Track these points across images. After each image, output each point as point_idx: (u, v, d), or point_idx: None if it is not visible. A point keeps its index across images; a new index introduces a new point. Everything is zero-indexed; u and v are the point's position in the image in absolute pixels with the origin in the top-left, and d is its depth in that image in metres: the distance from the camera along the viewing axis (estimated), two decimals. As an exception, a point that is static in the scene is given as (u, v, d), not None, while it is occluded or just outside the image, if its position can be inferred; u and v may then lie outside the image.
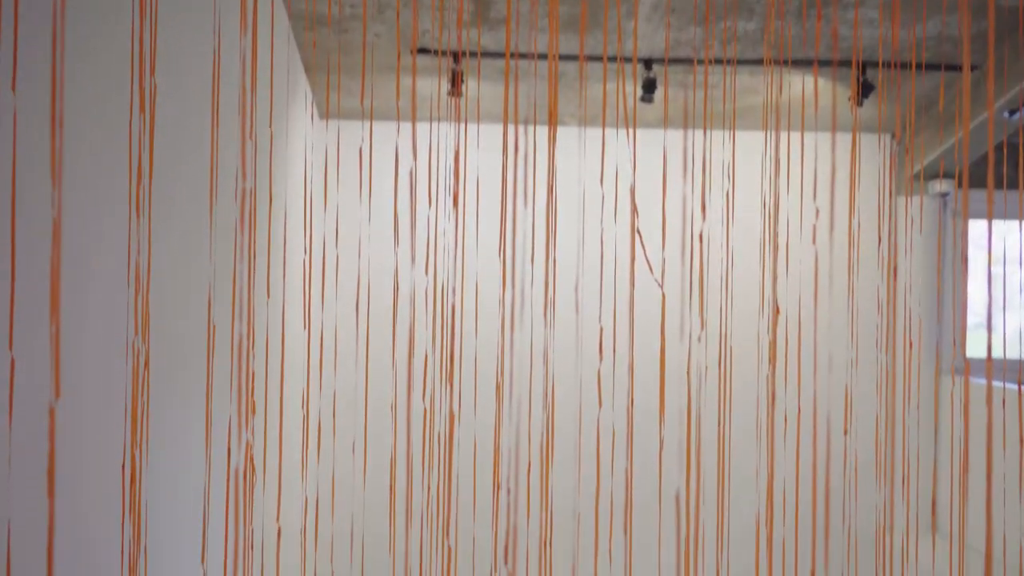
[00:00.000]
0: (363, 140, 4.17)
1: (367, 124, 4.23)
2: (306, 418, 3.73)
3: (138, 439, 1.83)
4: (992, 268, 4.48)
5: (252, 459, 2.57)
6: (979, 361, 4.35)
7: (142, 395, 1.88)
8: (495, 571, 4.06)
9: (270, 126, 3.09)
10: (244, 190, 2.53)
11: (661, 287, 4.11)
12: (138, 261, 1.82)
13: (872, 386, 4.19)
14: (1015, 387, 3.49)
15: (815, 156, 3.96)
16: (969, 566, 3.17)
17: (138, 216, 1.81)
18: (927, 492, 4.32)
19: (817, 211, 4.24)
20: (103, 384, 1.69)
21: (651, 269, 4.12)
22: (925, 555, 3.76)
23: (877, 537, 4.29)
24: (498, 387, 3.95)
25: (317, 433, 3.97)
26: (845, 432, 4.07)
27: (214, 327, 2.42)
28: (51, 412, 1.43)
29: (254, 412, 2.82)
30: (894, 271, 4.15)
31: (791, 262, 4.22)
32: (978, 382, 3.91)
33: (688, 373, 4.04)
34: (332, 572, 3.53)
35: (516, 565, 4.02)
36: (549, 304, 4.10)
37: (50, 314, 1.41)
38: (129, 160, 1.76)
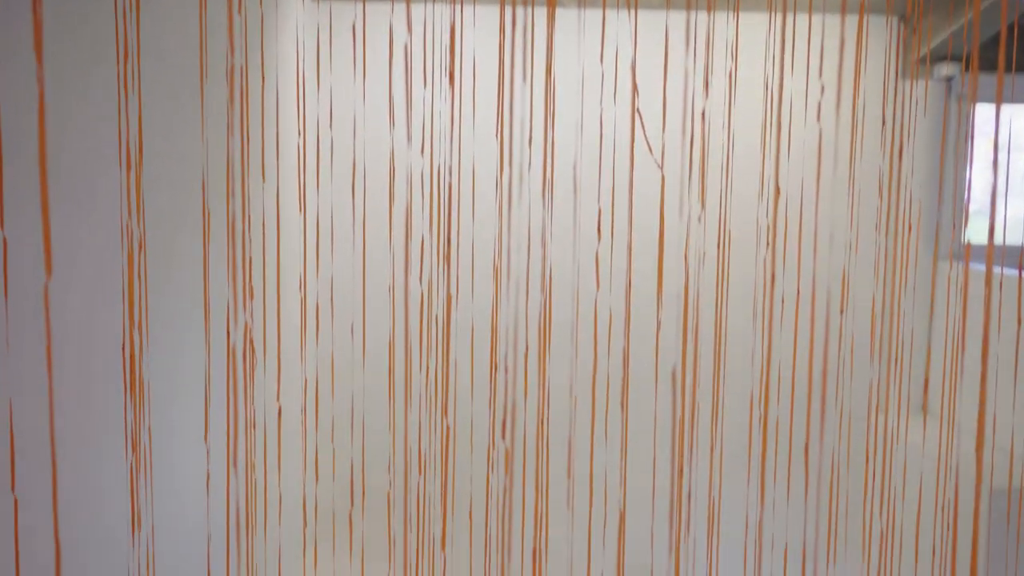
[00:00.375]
0: (356, 18, 4.05)
1: (360, 4, 4.10)
2: (303, 301, 3.73)
3: (136, 320, 1.83)
4: (998, 154, 4.43)
5: (252, 341, 2.58)
6: (978, 248, 4.34)
7: (139, 277, 1.87)
8: (493, 448, 4.14)
9: (260, 5, 3.00)
10: (233, 66, 2.46)
11: (661, 168, 4.06)
12: (128, 140, 1.78)
13: (871, 268, 4.20)
14: (1015, 272, 3.49)
15: (821, 37, 3.86)
16: (959, 447, 3.22)
17: (127, 95, 1.77)
18: (920, 373, 4.37)
19: (822, 87, 4.16)
20: (98, 265, 1.67)
21: (651, 150, 4.07)
22: (915, 435, 3.82)
23: (868, 416, 4.36)
24: (495, 269, 3.95)
25: (315, 316, 3.98)
26: (841, 311, 4.10)
27: (208, 212, 2.39)
28: (45, 291, 1.41)
29: (252, 296, 2.81)
30: (900, 152, 4.10)
31: (793, 143, 4.16)
32: (976, 268, 3.90)
33: (686, 254, 4.03)
34: (333, 452, 3.59)
35: (514, 442, 4.09)
36: (547, 185, 4.06)
37: (40, 194, 1.39)
38: (116, 39, 1.70)
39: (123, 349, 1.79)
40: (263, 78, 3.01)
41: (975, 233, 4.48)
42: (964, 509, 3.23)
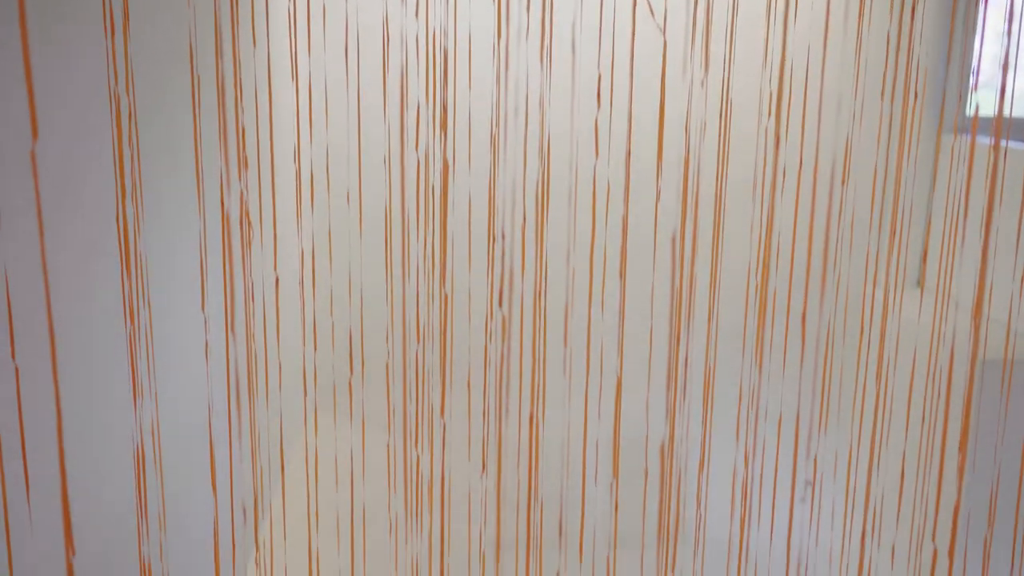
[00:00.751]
0: None
1: None
2: (298, 171, 3.68)
3: (128, 191, 1.79)
4: (1011, 23, 4.29)
5: (248, 212, 2.54)
6: (984, 120, 4.26)
7: (130, 144, 1.82)
8: (491, 317, 4.16)
9: None
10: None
11: (663, 33, 3.94)
12: (112, 4, 1.70)
13: (874, 140, 4.13)
14: (1020, 145, 3.43)
15: None
16: (956, 321, 3.23)
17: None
18: (918, 246, 4.36)
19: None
20: (86, 132, 1.62)
21: (652, 13, 3.94)
22: (911, 308, 3.84)
23: (865, 289, 4.37)
24: (493, 137, 3.88)
25: (310, 185, 3.93)
26: (843, 182, 4.05)
27: (198, 77, 2.31)
28: (32, 157, 1.37)
29: (246, 166, 2.76)
30: (911, 14, 3.98)
31: (801, 7, 4.03)
32: (981, 141, 3.84)
33: (687, 121, 3.96)
34: (332, 324, 3.60)
35: (511, 310, 4.11)
36: (545, 50, 3.95)
37: (23, 65, 1.33)
38: None
39: (117, 220, 1.76)
40: (250, -65, 2.88)
41: (982, 105, 4.39)
42: (957, 381, 3.27)
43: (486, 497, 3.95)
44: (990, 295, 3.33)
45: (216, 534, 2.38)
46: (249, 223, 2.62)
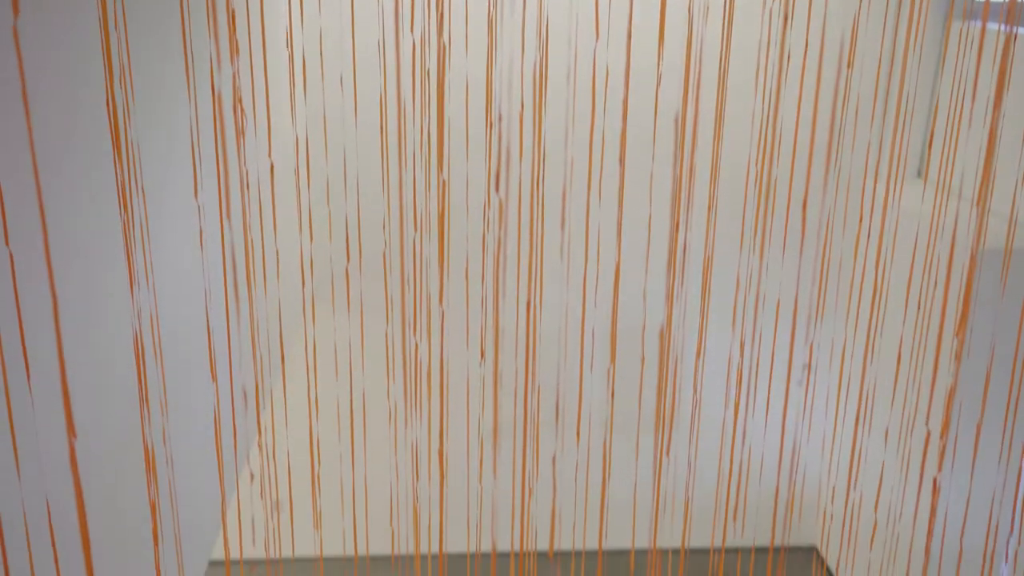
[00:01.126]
0: None
1: None
2: (291, 56, 3.59)
3: (117, 75, 1.74)
4: None
5: (240, 99, 2.49)
6: (995, 5, 4.14)
7: (116, 27, 1.76)
8: (488, 204, 4.13)
9: None
10: None
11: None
12: None
13: (881, 20, 4.02)
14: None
15: None
16: (957, 212, 3.21)
17: None
18: (919, 136, 4.31)
19: None
20: (70, 8, 1.56)
21: None
22: (913, 200, 3.81)
23: (866, 178, 4.33)
24: (490, 19, 3.77)
25: (302, 70, 3.84)
26: (849, 66, 3.97)
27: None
28: (14, 33, 1.32)
29: (237, 51, 2.68)
30: None
31: None
32: (991, 27, 3.74)
33: (690, 2, 3.85)
34: (329, 213, 3.57)
35: (508, 194, 4.07)
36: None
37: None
38: None
39: (107, 105, 1.71)
40: None
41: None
42: (954, 270, 3.27)
43: (484, 384, 3.99)
44: (992, 188, 3.30)
45: (217, 420, 2.40)
46: (242, 110, 2.57)
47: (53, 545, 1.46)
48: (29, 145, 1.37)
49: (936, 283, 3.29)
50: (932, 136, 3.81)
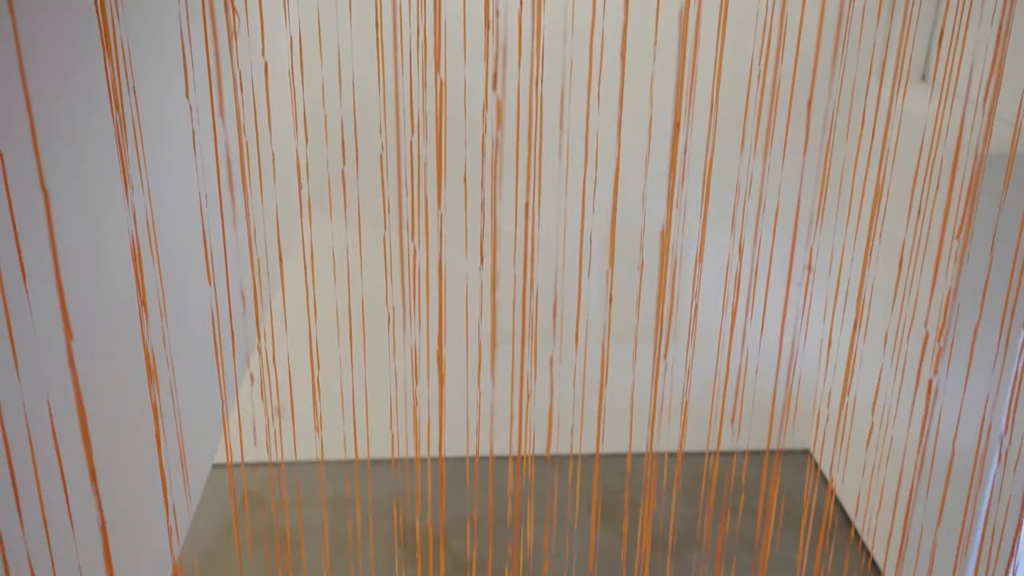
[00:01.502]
0: None
1: None
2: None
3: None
4: None
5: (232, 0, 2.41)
6: None
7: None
8: (487, 107, 4.06)
9: None
10: None
11: None
12: None
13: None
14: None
15: None
16: (962, 116, 3.15)
17: None
18: (924, 39, 4.22)
19: None
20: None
21: None
22: (919, 104, 3.74)
23: (869, 81, 4.26)
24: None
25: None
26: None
27: None
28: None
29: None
30: None
31: None
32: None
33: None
34: (325, 116, 3.51)
35: (505, 94, 4.00)
36: None
37: None
38: None
39: (95, 3, 1.65)
40: None
41: None
42: (958, 177, 3.23)
43: (483, 289, 3.99)
44: (997, 91, 3.23)
45: (216, 323, 2.39)
46: (234, 9, 2.49)
47: (56, 448, 1.46)
48: (15, 42, 1.32)
49: (939, 186, 3.26)
50: (942, 36, 3.73)
